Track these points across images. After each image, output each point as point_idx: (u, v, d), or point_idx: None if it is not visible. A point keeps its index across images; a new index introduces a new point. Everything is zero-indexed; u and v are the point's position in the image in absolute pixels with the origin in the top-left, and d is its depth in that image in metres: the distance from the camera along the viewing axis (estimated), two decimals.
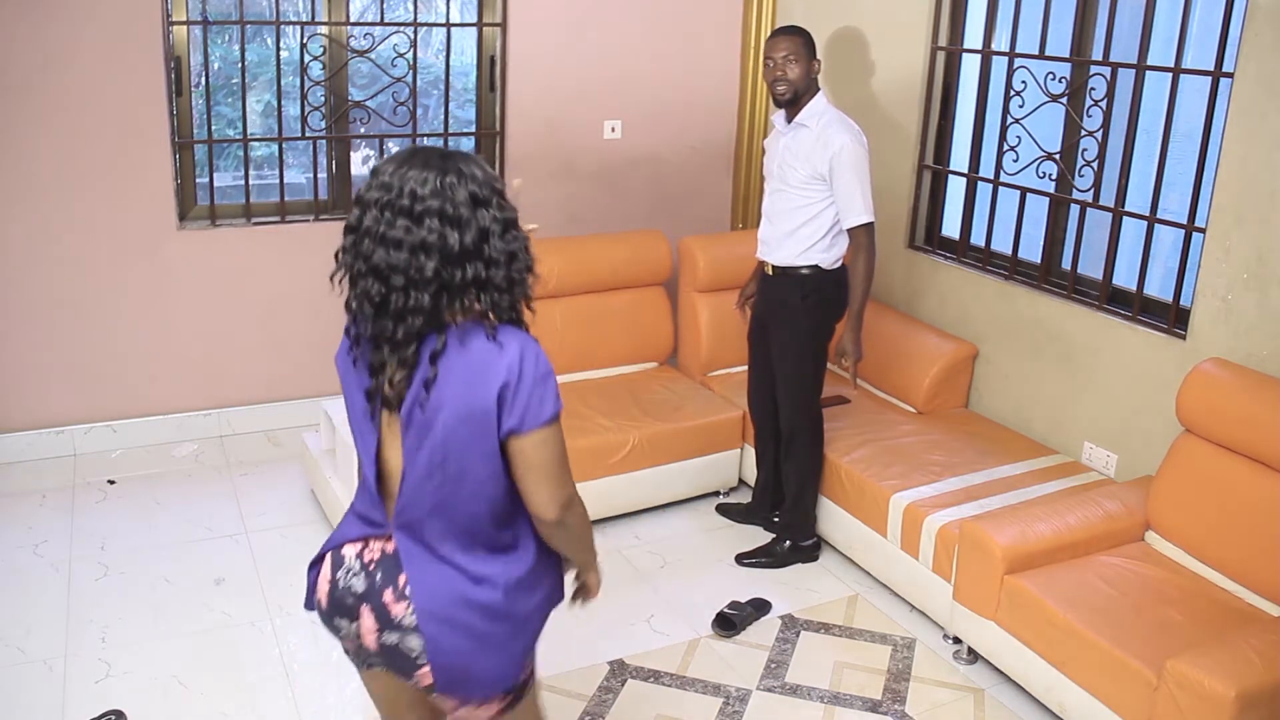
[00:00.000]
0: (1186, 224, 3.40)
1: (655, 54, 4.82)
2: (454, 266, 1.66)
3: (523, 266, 1.72)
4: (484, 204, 1.68)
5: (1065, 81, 3.79)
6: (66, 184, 4.01)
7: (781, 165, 3.54)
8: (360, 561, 1.83)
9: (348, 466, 3.59)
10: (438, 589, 1.77)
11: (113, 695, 2.94)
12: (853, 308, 3.54)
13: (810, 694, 3.09)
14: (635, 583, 3.60)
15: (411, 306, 1.66)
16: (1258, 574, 2.89)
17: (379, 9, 4.36)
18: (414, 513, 1.76)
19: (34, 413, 4.21)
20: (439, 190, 1.66)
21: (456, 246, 1.65)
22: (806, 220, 3.49)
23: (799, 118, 3.48)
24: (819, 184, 3.45)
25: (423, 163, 1.69)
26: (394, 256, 1.65)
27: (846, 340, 3.55)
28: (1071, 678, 2.81)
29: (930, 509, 3.36)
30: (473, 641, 1.79)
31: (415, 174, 1.67)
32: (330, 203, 4.53)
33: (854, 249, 3.49)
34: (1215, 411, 3.04)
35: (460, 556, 1.78)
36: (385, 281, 1.66)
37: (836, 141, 3.40)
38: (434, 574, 1.78)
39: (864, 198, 3.42)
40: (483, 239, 1.67)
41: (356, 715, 2.93)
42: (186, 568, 3.56)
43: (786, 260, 3.55)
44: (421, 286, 1.65)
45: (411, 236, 1.65)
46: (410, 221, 1.65)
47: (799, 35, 3.48)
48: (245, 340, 4.46)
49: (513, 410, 1.68)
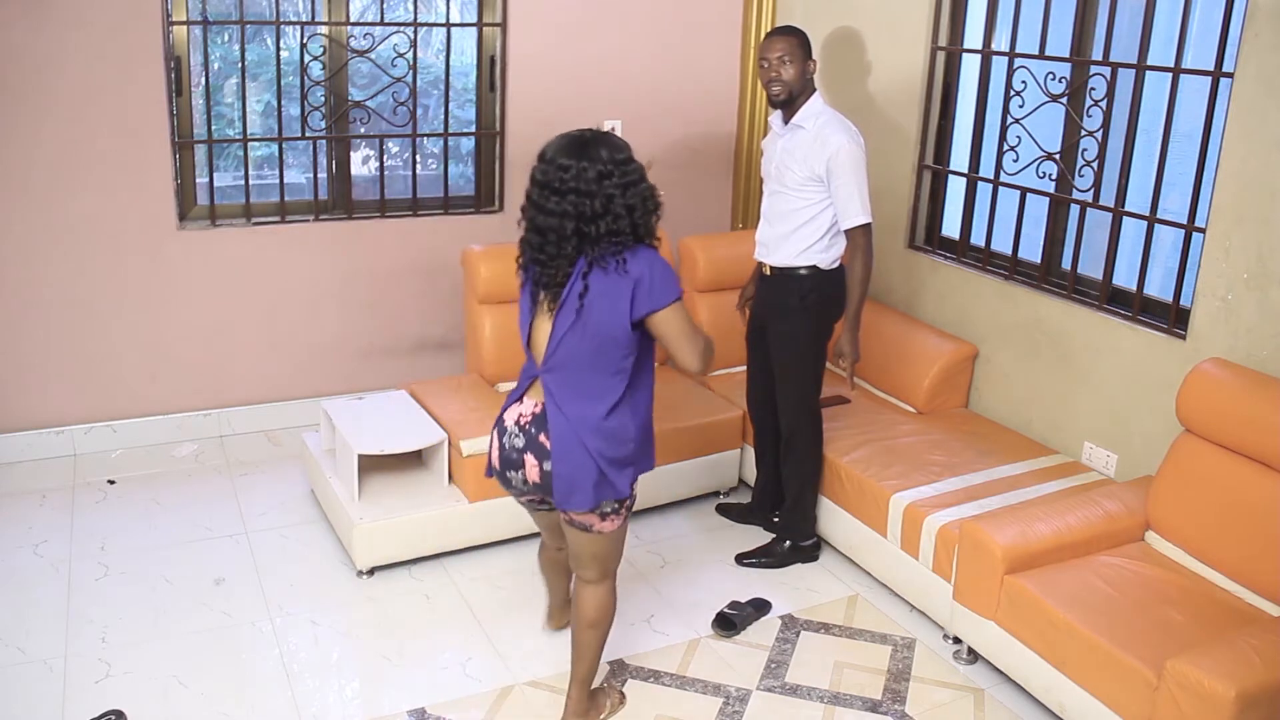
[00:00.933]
0: (1186, 224, 3.40)
1: (655, 54, 4.82)
2: (588, 224, 2.43)
3: (644, 212, 2.48)
4: (608, 177, 2.42)
5: (1065, 81, 3.79)
6: (66, 184, 4.01)
7: (779, 167, 3.54)
8: (518, 425, 2.61)
9: (347, 466, 3.60)
10: (566, 423, 2.54)
11: (113, 695, 2.94)
12: (850, 308, 3.54)
13: (810, 694, 3.09)
14: (635, 583, 3.60)
15: (557, 252, 2.47)
16: (1258, 574, 2.89)
17: (379, 9, 4.36)
18: (557, 363, 2.54)
19: (34, 413, 4.22)
20: (576, 174, 2.41)
21: (589, 211, 2.42)
22: (805, 221, 3.49)
23: (796, 119, 3.48)
24: (816, 185, 3.45)
25: (566, 151, 2.44)
26: (547, 221, 2.45)
27: (844, 341, 3.55)
28: (1071, 678, 2.81)
29: (930, 509, 3.36)
30: (579, 464, 2.54)
31: (562, 160, 2.43)
32: (330, 203, 4.53)
33: (851, 249, 3.49)
34: (1215, 411, 3.04)
35: (582, 401, 2.54)
36: (542, 236, 2.48)
37: (834, 142, 3.40)
38: (565, 412, 2.54)
39: (861, 199, 3.42)
40: (608, 202, 2.42)
41: (357, 715, 2.93)
42: (186, 568, 3.56)
43: (785, 261, 3.55)
44: (565, 239, 2.45)
45: (557, 207, 2.43)
46: (558, 197, 2.43)
47: (794, 35, 3.47)
48: (245, 340, 4.46)
49: (648, 298, 2.47)
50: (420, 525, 3.57)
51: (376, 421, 3.76)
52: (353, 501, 3.57)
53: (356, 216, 4.54)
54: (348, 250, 4.53)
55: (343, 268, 4.53)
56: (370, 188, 4.65)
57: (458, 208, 4.71)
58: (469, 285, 4.15)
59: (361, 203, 4.60)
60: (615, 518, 2.66)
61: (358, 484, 3.58)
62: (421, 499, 3.63)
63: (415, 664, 3.15)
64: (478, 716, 2.94)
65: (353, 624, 3.34)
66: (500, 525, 3.69)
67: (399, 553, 3.58)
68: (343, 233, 4.51)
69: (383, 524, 3.51)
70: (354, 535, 3.48)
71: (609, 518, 2.65)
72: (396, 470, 3.77)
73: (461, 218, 4.67)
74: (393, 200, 4.63)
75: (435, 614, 3.40)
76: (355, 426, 3.69)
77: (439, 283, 4.67)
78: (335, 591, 3.49)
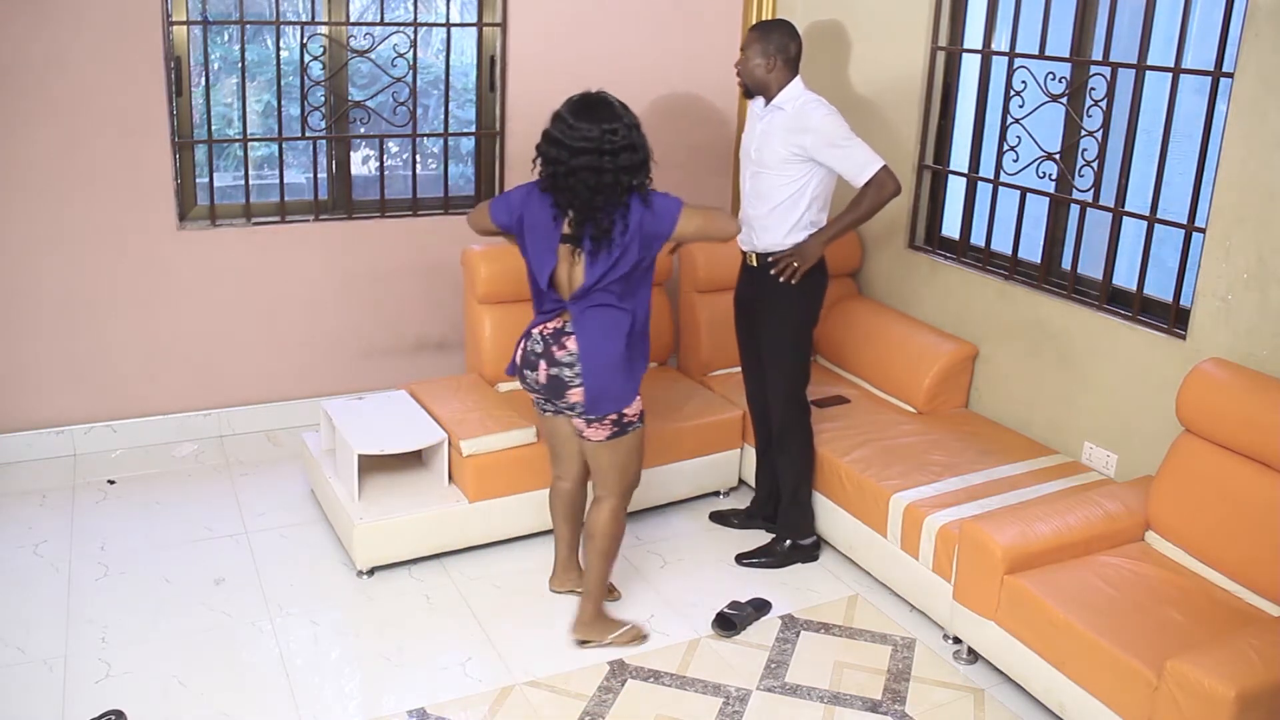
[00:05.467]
0: (1186, 224, 3.40)
1: (655, 54, 4.82)
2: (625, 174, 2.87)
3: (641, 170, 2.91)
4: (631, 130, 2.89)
5: (1065, 81, 3.79)
6: (66, 184, 4.01)
7: (759, 149, 3.56)
8: (540, 335, 3.05)
9: (347, 466, 3.60)
10: (592, 338, 2.97)
11: (113, 695, 2.94)
12: (834, 222, 3.53)
13: (810, 694, 3.09)
14: (635, 583, 3.60)
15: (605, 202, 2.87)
16: (1258, 574, 2.89)
17: (379, 9, 4.36)
18: (584, 293, 2.94)
19: (34, 413, 4.22)
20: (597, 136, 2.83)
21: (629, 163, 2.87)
22: (785, 199, 3.50)
23: (775, 101, 3.52)
24: (797, 163, 3.47)
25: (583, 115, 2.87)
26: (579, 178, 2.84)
27: (810, 240, 3.50)
28: (1071, 678, 2.81)
29: (930, 509, 3.36)
30: (606, 373, 2.98)
31: (581, 125, 2.85)
32: (330, 202, 4.53)
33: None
34: (1215, 411, 3.04)
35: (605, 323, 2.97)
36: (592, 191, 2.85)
37: (814, 117, 3.43)
38: (590, 330, 2.97)
39: (864, 149, 3.42)
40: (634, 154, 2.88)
41: (357, 715, 2.93)
42: (186, 568, 3.56)
43: (771, 244, 3.55)
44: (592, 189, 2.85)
45: (579, 162, 2.83)
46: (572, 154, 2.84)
47: (757, 32, 3.53)
48: (245, 340, 4.46)
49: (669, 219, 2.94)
50: (420, 525, 3.57)
51: (376, 421, 3.76)
52: (353, 501, 3.57)
53: (356, 216, 4.54)
54: (348, 250, 4.53)
55: (343, 268, 4.53)
56: (370, 188, 4.65)
57: (458, 208, 4.71)
58: (469, 285, 4.15)
59: (361, 203, 4.60)
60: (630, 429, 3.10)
61: (358, 484, 3.58)
62: (421, 499, 3.63)
63: (415, 664, 3.15)
64: (478, 716, 2.94)
65: (353, 624, 3.34)
66: (500, 525, 3.69)
67: (399, 553, 3.58)
68: (343, 233, 4.51)
69: (383, 524, 3.51)
70: (354, 535, 3.48)
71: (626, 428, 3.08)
72: (396, 470, 3.77)
73: (461, 218, 4.65)
74: (393, 200, 4.63)
75: (435, 614, 3.40)
76: (355, 426, 3.69)
77: (439, 283, 4.67)
78: (335, 591, 3.49)
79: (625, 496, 3.22)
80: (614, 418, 3.05)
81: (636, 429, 3.13)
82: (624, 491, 3.21)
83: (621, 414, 3.06)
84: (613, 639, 3.23)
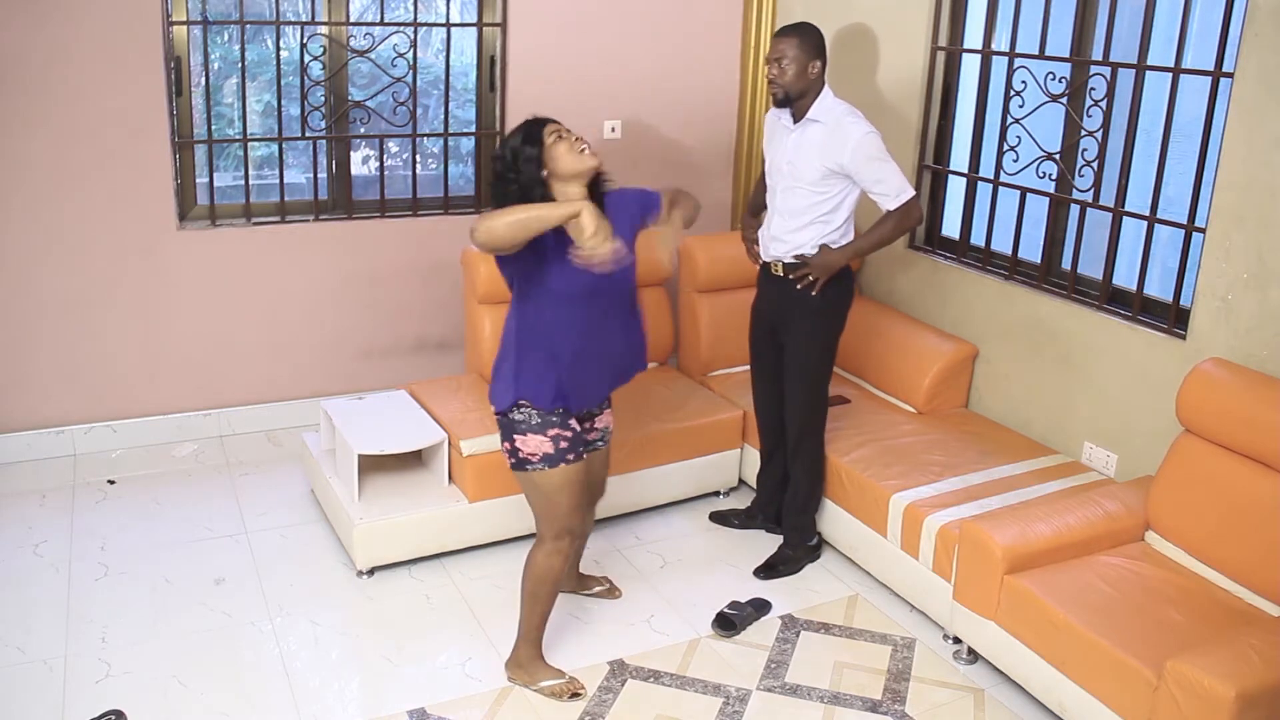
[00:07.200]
0: (1186, 224, 3.40)
1: (655, 54, 4.82)
2: None
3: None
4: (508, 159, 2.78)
5: (1065, 81, 3.79)
6: (66, 184, 4.01)
7: (792, 163, 3.47)
8: None
9: (347, 466, 3.59)
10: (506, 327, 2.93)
11: (113, 695, 2.94)
12: (856, 241, 3.50)
13: (810, 694, 3.09)
14: (635, 582, 3.60)
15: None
16: (1258, 574, 2.89)
17: (379, 9, 4.36)
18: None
19: (34, 413, 4.22)
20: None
21: None
22: (821, 214, 3.45)
23: (810, 114, 3.43)
24: (835, 179, 3.42)
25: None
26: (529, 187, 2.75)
27: (833, 253, 3.46)
28: (1071, 678, 2.81)
29: (930, 509, 3.36)
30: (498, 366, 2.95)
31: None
32: (330, 203, 4.53)
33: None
34: (1215, 411, 3.04)
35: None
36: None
37: (854, 133, 3.36)
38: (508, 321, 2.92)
39: (898, 176, 3.39)
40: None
41: (357, 715, 2.93)
42: (186, 568, 3.56)
43: (799, 248, 3.49)
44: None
45: None
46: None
47: (795, 35, 3.40)
48: (245, 340, 4.46)
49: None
50: (420, 525, 3.57)
51: (376, 421, 3.76)
52: (353, 502, 3.57)
53: (356, 216, 4.55)
54: (348, 250, 4.53)
55: (343, 268, 4.53)
56: (370, 188, 4.65)
57: (458, 208, 4.71)
58: (469, 285, 4.15)
59: (361, 203, 4.60)
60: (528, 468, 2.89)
61: (358, 484, 3.58)
62: (421, 499, 3.63)
63: (415, 664, 3.15)
64: (478, 716, 2.94)
65: (353, 624, 3.34)
66: (500, 525, 3.69)
67: (399, 553, 3.58)
68: (343, 233, 4.51)
69: (383, 524, 3.51)
70: (354, 535, 3.48)
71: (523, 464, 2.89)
72: (396, 470, 3.77)
73: (461, 218, 4.67)
74: (393, 200, 4.63)
75: (435, 614, 3.40)
76: (355, 426, 3.69)
77: (439, 283, 4.67)
78: (335, 591, 3.49)
79: (552, 540, 2.94)
80: (508, 446, 2.87)
81: (537, 470, 2.85)
82: (547, 534, 2.95)
83: (515, 445, 2.85)
84: (542, 687, 3.01)
